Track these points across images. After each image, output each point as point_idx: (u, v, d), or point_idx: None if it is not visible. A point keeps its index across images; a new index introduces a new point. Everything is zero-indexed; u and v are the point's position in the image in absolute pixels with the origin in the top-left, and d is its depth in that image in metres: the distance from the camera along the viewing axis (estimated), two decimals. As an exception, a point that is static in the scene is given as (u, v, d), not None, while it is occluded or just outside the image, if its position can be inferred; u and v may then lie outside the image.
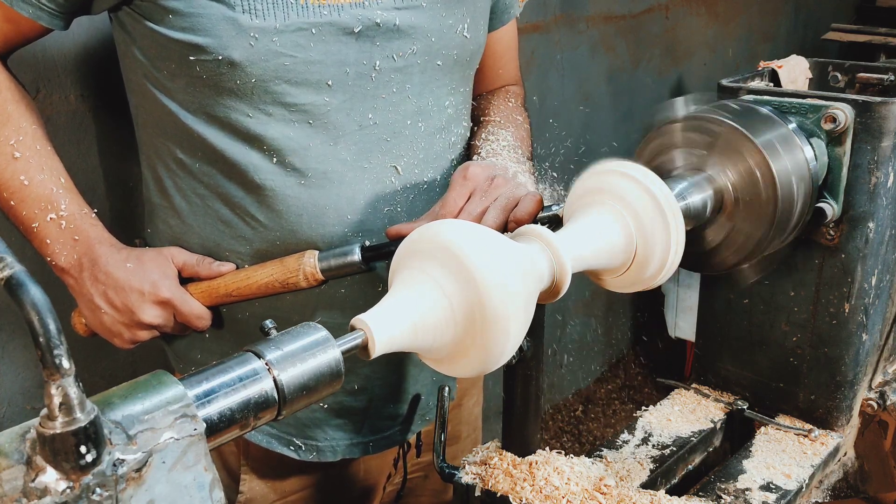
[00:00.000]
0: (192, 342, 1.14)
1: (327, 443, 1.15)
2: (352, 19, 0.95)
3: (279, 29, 0.92)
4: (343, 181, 1.00)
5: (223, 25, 0.91)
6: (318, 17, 0.93)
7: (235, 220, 1.03)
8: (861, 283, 1.00)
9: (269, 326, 0.64)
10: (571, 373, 3.30)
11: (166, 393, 0.51)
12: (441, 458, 0.94)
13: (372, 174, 1.02)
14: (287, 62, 0.94)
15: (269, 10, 0.91)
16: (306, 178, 0.99)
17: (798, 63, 1.19)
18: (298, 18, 0.93)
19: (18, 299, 0.42)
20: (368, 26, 0.96)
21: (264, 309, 1.06)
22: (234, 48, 0.92)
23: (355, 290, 1.07)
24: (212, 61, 0.93)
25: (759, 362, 1.11)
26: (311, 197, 1.00)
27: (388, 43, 0.98)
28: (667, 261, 0.81)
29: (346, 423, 1.15)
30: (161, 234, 1.10)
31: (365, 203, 1.02)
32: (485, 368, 0.71)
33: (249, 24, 0.91)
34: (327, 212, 1.01)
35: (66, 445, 0.44)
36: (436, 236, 0.70)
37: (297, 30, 0.93)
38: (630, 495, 0.86)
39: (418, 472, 1.32)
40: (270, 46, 0.93)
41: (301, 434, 1.14)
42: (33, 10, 0.98)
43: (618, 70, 3.00)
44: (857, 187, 0.96)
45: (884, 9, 4.26)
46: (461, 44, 1.05)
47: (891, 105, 0.93)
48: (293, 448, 1.14)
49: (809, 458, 1.02)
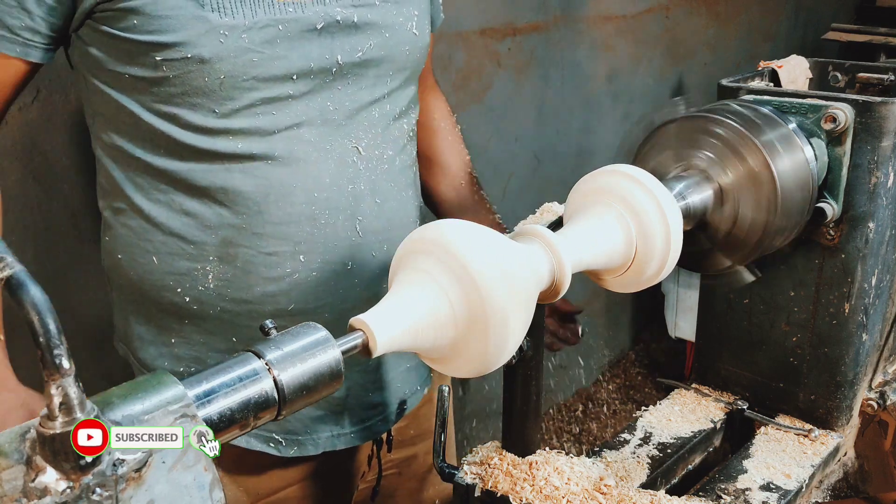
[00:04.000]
0: (158, 350, 1.12)
1: (308, 436, 1.15)
2: (315, 16, 1.00)
3: (248, 26, 0.95)
4: (308, 160, 1.03)
5: (193, 24, 0.94)
6: (284, 13, 0.97)
7: (200, 207, 1.03)
8: (861, 283, 1.00)
9: (269, 326, 0.64)
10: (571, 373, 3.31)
11: (166, 393, 0.51)
12: (441, 458, 0.93)
13: (335, 154, 1.05)
14: (255, 58, 0.97)
15: (237, 8, 0.95)
16: (273, 159, 1.02)
17: (798, 63, 1.19)
18: (266, 16, 0.96)
19: (18, 299, 0.42)
20: (329, 23, 1.01)
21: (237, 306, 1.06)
22: (203, 46, 0.94)
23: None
24: (180, 60, 0.95)
25: (759, 362, 1.11)
26: (277, 176, 1.02)
27: (347, 38, 1.03)
28: (666, 261, 0.81)
29: (327, 414, 1.15)
30: (121, 239, 1.09)
31: (330, 181, 1.05)
32: (485, 368, 0.71)
33: (219, 21, 0.94)
34: (294, 190, 1.03)
35: (66, 445, 0.44)
36: (436, 236, 0.70)
37: (265, 26, 0.96)
38: (630, 495, 0.86)
39: (392, 469, 1.32)
40: (240, 43, 0.95)
41: (281, 429, 1.13)
42: (21, 48, 0.98)
43: (618, 70, 3.00)
44: (857, 187, 0.96)
45: (884, 9, 4.26)
46: (412, 40, 1.11)
47: (891, 105, 0.93)
48: (273, 444, 1.14)
49: (809, 458, 1.02)
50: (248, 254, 1.03)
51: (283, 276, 1.05)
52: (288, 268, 1.04)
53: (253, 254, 1.03)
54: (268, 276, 1.04)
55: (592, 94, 2.91)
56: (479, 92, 2.44)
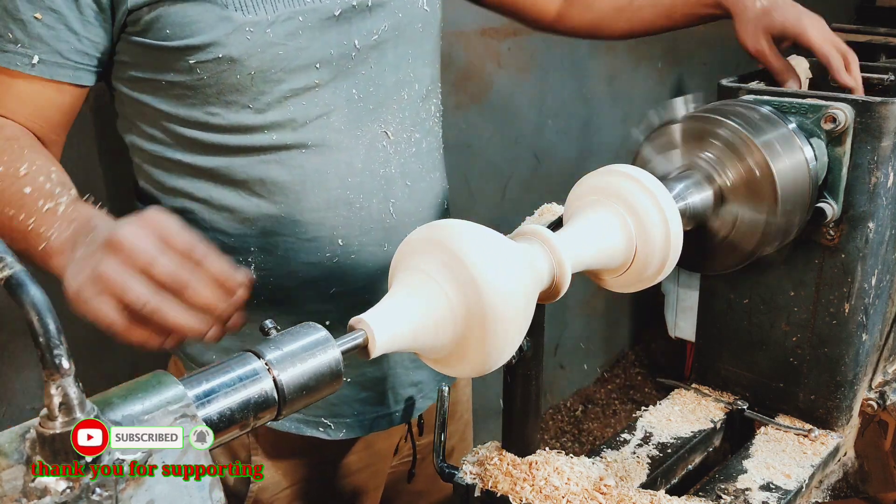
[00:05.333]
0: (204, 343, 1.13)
1: (355, 417, 1.17)
2: (332, 4, 1.02)
3: (270, 21, 0.98)
4: (340, 147, 1.07)
5: (219, 25, 0.96)
6: (303, 4, 1.00)
7: (240, 201, 1.06)
8: (861, 283, 1.00)
9: (269, 326, 0.64)
10: (571, 373, 3.31)
11: (166, 393, 0.51)
12: (441, 457, 0.94)
13: (365, 140, 1.09)
14: (280, 51, 0.99)
15: (259, 5, 0.98)
16: (306, 148, 1.05)
17: (798, 63, 1.20)
18: (286, 9, 0.99)
19: (18, 299, 0.42)
20: (346, 9, 1.03)
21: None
22: (231, 44, 0.97)
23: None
24: (212, 60, 0.98)
25: (759, 362, 1.11)
26: (312, 164, 1.06)
27: (362, 22, 1.05)
28: (666, 261, 0.81)
29: (373, 394, 1.17)
30: None
31: (362, 166, 1.08)
32: (485, 368, 0.71)
33: (243, 19, 0.97)
34: (328, 177, 1.06)
35: (66, 445, 0.44)
36: (435, 236, 0.70)
37: (287, 19, 0.99)
38: (630, 495, 0.86)
39: (419, 455, 1.34)
40: (265, 38, 0.98)
41: (330, 412, 1.16)
42: (73, 72, 0.98)
43: (618, 70, 3.00)
44: (857, 187, 0.96)
45: (884, 9, 4.26)
46: (423, 17, 1.14)
47: (891, 105, 0.93)
48: (322, 428, 1.16)
49: (809, 458, 1.02)
50: (288, 241, 1.07)
51: (323, 261, 1.08)
52: (327, 252, 1.08)
53: (293, 241, 1.07)
54: (308, 261, 1.08)
55: (592, 94, 2.91)
56: (479, 92, 2.44)
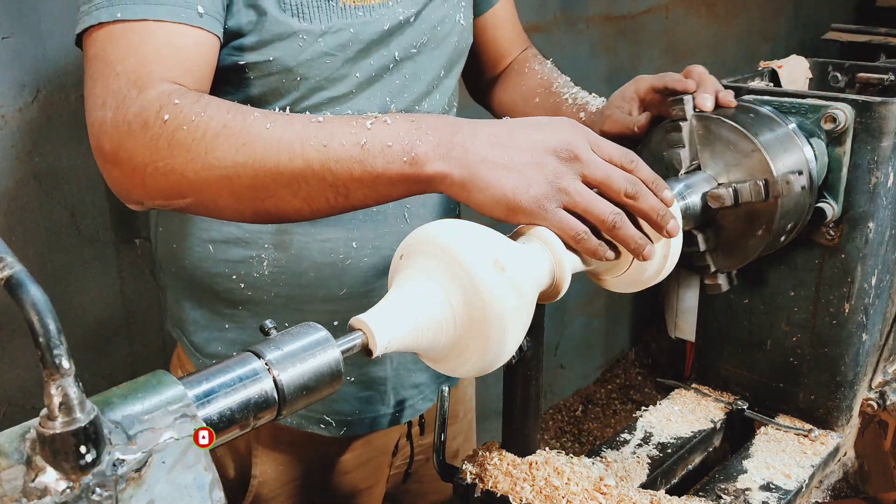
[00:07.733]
0: (211, 334, 1.14)
1: (357, 416, 1.18)
2: (382, 19, 1.01)
3: (323, 31, 0.97)
4: None
5: (275, 28, 0.95)
6: (355, 17, 0.99)
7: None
8: (861, 283, 1.00)
9: (269, 326, 0.64)
10: (571, 373, 3.30)
11: (166, 393, 0.51)
12: (441, 457, 0.93)
13: None
14: (328, 60, 0.99)
15: (314, 14, 0.96)
16: None
17: (798, 63, 1.20)
18: (339, 20, 0.98)
19: (18, 299, 0.42)
20: (394, 24, 1.03)
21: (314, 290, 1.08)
22: (285, 50, 0.96)
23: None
24: (263, 62, 0.97)
25: (759, 362, 1.11)
26: None
27: (403, 36, 1.05)
28: (666, 261, 0.81)
29: (374, 394, 1.18)
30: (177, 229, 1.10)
31: None
32: (485, 368, 0.71)
33: (298, 26, 0.95)
34: None
35: (66, 445, 0.44)
36: (435, 237, 0.70)
37: (339, 30, 0.98)
38: (630, 495, 0.86)
39: (419, 455, 1.34)
40: (316, 47, 0.97)
41: (330, 410, 1.16)
42: (221, 27, 0.92)
43: (618, 70, 3.00)
44: (857, 187, 0.96)
45: (884, 9, 4.26)
46: (459, 31, 1.14)
47: (891, 105, 0.93)
48: (323, 425, 1.17)
49: (809, 458, 1.02)
50: (302, 241, 1.07)
51: (336, 262, 1.09)
52: (341, 254, 1.08)
53: (307, 241, 1.07)
54: (321, 261, 1.08)
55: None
56: (479, 92, 2.44)
